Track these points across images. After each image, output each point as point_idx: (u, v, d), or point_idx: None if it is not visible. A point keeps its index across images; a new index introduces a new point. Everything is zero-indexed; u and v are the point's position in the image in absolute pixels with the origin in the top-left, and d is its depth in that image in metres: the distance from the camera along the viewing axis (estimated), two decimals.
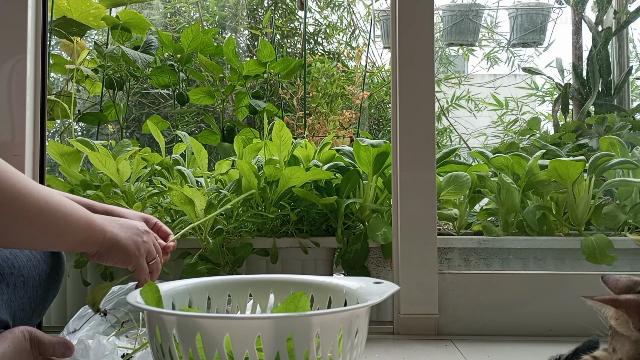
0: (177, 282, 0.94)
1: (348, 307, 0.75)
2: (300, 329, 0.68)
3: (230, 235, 1.45)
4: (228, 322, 0.69)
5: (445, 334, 1.36)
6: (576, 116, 2.34)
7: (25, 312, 0.80)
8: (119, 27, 1.88)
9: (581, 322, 1.34)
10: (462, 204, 1.67)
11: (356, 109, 2.34)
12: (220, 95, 2.00)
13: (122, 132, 1.99)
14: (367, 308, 0.76)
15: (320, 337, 0.69)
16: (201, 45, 1.91)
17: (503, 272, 1.45)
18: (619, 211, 1.57)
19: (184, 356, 0.70)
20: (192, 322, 0.69)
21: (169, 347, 0.71)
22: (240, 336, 0.67)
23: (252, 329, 0.67)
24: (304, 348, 0.68)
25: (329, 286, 0.93)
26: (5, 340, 0.74)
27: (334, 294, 0.90)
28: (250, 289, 0.97)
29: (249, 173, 1.43)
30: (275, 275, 1.01)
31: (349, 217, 1.51)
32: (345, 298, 0.90)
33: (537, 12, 2.92)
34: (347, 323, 0.72)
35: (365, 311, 0.77)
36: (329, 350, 0.71)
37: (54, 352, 0.79)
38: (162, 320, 0.71)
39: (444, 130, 2.94)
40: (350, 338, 0.73)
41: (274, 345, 0.67)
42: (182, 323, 0.70)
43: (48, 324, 1.46)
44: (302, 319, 0.69)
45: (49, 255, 0.87)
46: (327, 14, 3.15)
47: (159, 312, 0.74)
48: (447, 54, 3.31)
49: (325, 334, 0.70)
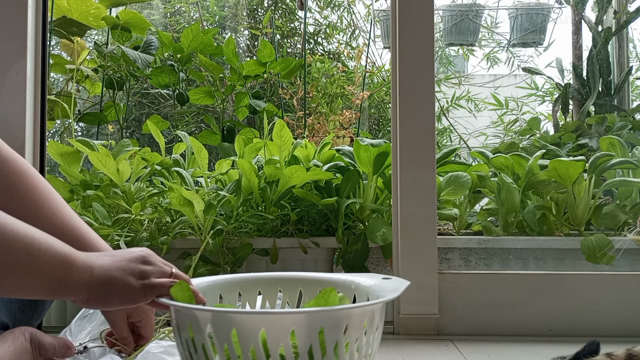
0: (205, 279, 0.94)
1: (372, 301, 0.77)
2: (331, 322, 0.70)
3: (230, 236, 1.45)
4: (264, 317, 0.71)
5: (445, 334, 1.36)
6: (576, 116, 2.34)
7: (26, 313, 0.80)
8: (119, 27, 1.88)
9: (581, 322, 1.35)
10: (462, 204, 1.67)
11: (356, 109, 2.34)
12: (220, 95, 2.00)
13: (122, 132, 1.99)
14: (383, 303, 0.78)
15: (348, 330, 0.71)
16: (201, 45, 1.91)
17: (503, 272, 1.45)
18: (619, 211, 1.57)
19: (219, 351, 0.71)
20: (227, 318, 0.70)
21: (203, 344, 0.71)
22: (276, 330, 0.68)
23: (288, 324, 0.69)
24: (334, 341, 0.70)
25: (338, 282, 0.94)
26: (5, 341, 0.74)
27: (344, 290, 0.91)
28: (260, 286, 0.98)
29: (249, 173, 1.43)
30: (282, 273, 1.02)
31: (349, 217, 1.51)
32: (354, 294, 0.91)
33: (537, 12, 2.92)
34: (370, 317, 0.74)
35: (382, 306, 0.79)
36: (355, 342, 0.73)
37: (54, 353, 0.80)
38: (196, 317, 0.71)
39: (444, 130, 2.94)
40: (372, 331, 0.75)
41: (307, 338, 0.69)
42: (217, 319, 0.70)
43: (48, 324, 1.46)
44: (333, 313, 0.71)
45: None
46: (327, 14, 3.15)
47: (193, 308, 0.73)
48: (447, 54, 3.31)
49: (352, 327, 0.72)
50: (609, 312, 1.34)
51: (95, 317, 1.06)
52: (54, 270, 0.63)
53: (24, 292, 0.65)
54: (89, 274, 0.66)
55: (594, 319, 1.35)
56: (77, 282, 0.65)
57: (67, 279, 0.64)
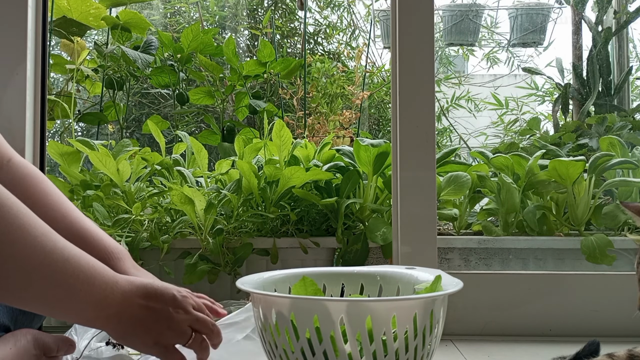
0: (278, 272, 0.98)
1: (446, 291, 0.83)
2: (438, 305, 0.81)
3: (230, 235, 1.45)
4: (395, 303, 0.79)
5: (445, 334, 1.34)
6: (576, 116, 2.34)
7: (27, 315, 0.80)
8: (119, 27, 1.88)
9: (581, 322, 1.35)
10: (462, 204, 1.67)
11: (356, 109, 2.34)
12: (220, 95, 2.00)
13: (122, 132, 1.99)
14: None
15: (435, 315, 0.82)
16: (201, 45, 1.91)
17: (503, 272, 1.45)
18: (619, 211, 1.57)
19: (351, 339, 0.75)
20: (363, 307, 0.77)
21: (332, 334, 0.76)
22: (405, 314, 0.77)
23: (412, 308, 0.77)
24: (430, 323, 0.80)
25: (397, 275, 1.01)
26: (7, 343, 0.74)
27: (401, 283, 0.99)
28: (325, 280, 1.02)
29: (249, 173, 1.43)
30: (342, 268, 1.08)
31: (349, 217, 1.51)
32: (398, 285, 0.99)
33: (537, 12, 2.92)
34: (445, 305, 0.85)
35: None
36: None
37: (58, 350, 0.80)
38: (327, 307, 0.75)
39: (444, 130, 2.94)
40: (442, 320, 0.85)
41: (422, 320, 0.78)
42: (351, 307, 0.76)
43: (48, 324, 1.46)
44: (442, 297, 0.82)
45: None
46: (327, 14, 3.15)
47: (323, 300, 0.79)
48: (447, 54, 3.30)
49: (437, 312, 0.82)
50: (609, 312, 1.34)
51: None
52: (94, 297, 0.62)
53: (58, 314, 0.64)
54: (117, 316, 0.65)
55: (594, 319, 1.35)
56: (108, 317, 0.64)
57: (105, 311, 0.63)
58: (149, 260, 1.45)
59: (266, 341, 0.82)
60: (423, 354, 0.80)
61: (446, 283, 0.88)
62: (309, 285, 0.83)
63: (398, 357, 0.77)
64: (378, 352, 0.76)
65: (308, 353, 0.76)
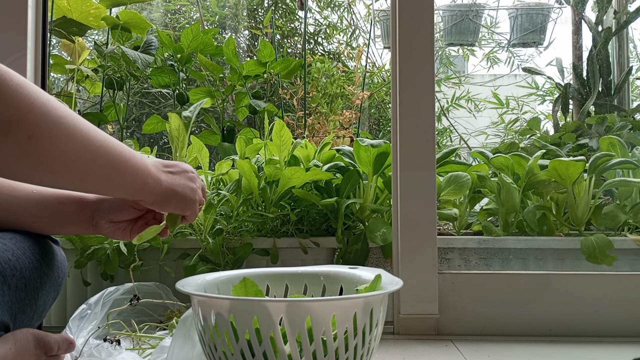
0: (220, 273, 1.00)
1: (385, 290, 0.85)
2: (377, 304, 0.82)
3: (230, 235, 1.45)
4: (335, 303, 0.79)
5: (445, 334, 1.36)
6: (576, 116, 2.34)
7: (27, 314, 0.80)
8: (119, 27, 1.88)
9: (581, 322, 1.35)
10: (462, 204, 1.67)
11: (356, 109, 2.34)
12: (220, 95, 2.00)
13: (122, 132, 2.00)
14: None
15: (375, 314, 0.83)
16: (201, 45, 1.91)
17: (503, 272, 1.45)
18: (619, 211, 1.57)
19: (290, 340, 0.76)
20: (302, 307, 0.76)
21: (271, 335, 0.76)
22: (345, 314, 0.78)
23: (352, 307, 0.78)
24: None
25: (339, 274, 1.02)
26: (7, 342, 0.73)
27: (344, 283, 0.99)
28: (269, 280, 1.03)
29: (249, 173, 1.43)
30: (289, 268, 1.07)
31: (349, 217, 1.51)
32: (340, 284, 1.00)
33: (537, 12, 2.92)
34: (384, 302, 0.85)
35: None
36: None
37: (58, 349, 0.80)
38: (267, 308, 0.75)
39: (444, 130, 2.94)
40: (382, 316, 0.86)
41: (362, 319, 0.79)
42: (291, 307, 0.76)
43: (48, 324, 1.46)
44: (382, 296, 0.83)
45: (51, 258, 0.87)
46: (327, 14, 3.15)
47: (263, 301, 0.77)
48: (447, 54, 3.31)
49: (377, 311, 0.83)
50: (609, 312, 1.34)
51: (93, 317, 1.06)
52: (139, 176, 0.76)
53: (117, 191, 0.78)
54: (158, 184, 0.80)
55: (594, 319, 1.35)
56: (151, 191, 0.79)
57: (146, 187, 0.78)
58: (149, 261, 1.45)
59: (206, 344, 0.81)
60: (363, 352, 0.81)
61: (386, 282, 0.89)
62: (249, 286, 0.82)
63: (338, 356, 0.77)
64: (318, 352, 0.76)
65: (248, 355, 0.76)
